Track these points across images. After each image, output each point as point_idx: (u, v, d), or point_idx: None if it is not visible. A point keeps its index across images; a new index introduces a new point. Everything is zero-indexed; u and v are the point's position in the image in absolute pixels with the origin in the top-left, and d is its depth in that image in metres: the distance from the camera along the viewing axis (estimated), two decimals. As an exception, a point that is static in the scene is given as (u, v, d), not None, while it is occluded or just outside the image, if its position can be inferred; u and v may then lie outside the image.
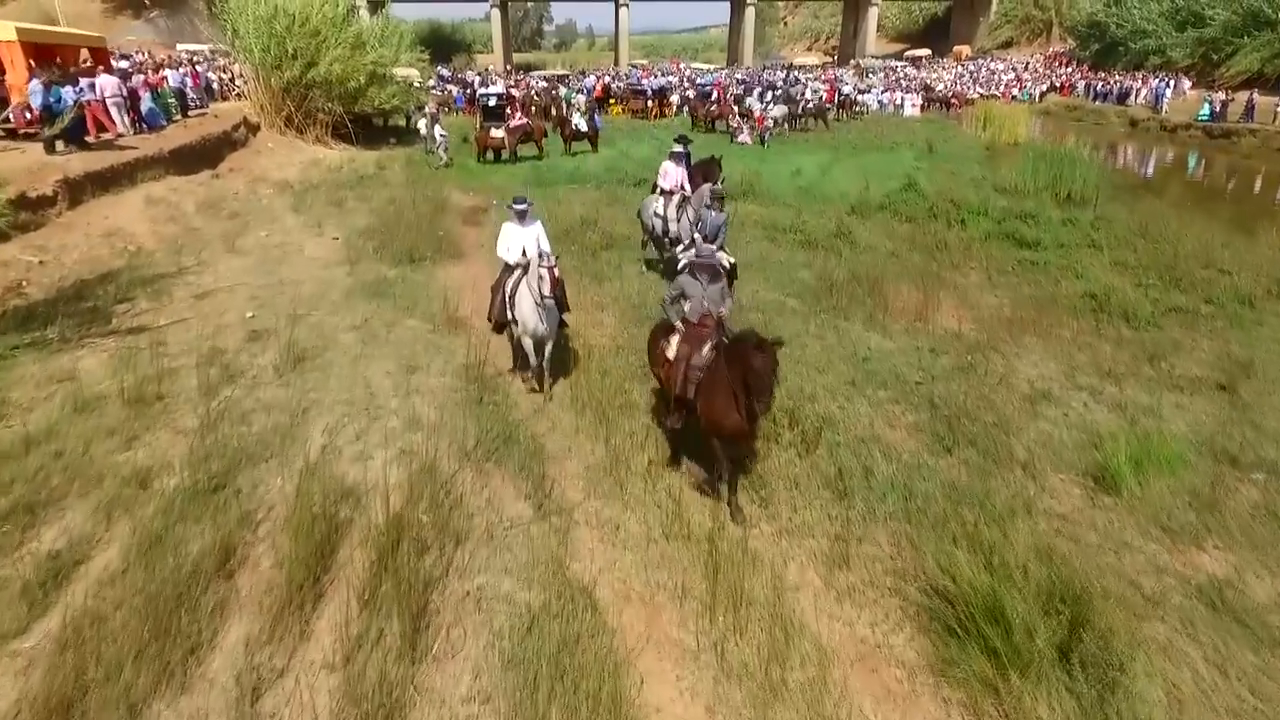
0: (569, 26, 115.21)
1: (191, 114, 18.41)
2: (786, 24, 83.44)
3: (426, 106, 23.40)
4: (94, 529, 4.62)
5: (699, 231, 8.35)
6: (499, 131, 19.16)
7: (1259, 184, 19.67)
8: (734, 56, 57.65)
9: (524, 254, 6.48)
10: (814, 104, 27.37)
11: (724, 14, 64.78)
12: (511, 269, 6.57)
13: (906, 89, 37.34)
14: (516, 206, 6.60)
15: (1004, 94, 36.80)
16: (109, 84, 14.61)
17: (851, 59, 53.25)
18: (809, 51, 68.07)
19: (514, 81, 37.56)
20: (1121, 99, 32.65)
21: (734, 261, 7.61)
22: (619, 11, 53.08)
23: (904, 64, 49.51)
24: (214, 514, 4.68)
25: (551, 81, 36.41)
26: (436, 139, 18.90)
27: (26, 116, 13.00)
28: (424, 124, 20.22)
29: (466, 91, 32.07)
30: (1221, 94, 27.57)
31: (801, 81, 33.39)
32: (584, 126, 20.80)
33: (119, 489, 4.99)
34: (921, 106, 33.88)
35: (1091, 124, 30.77)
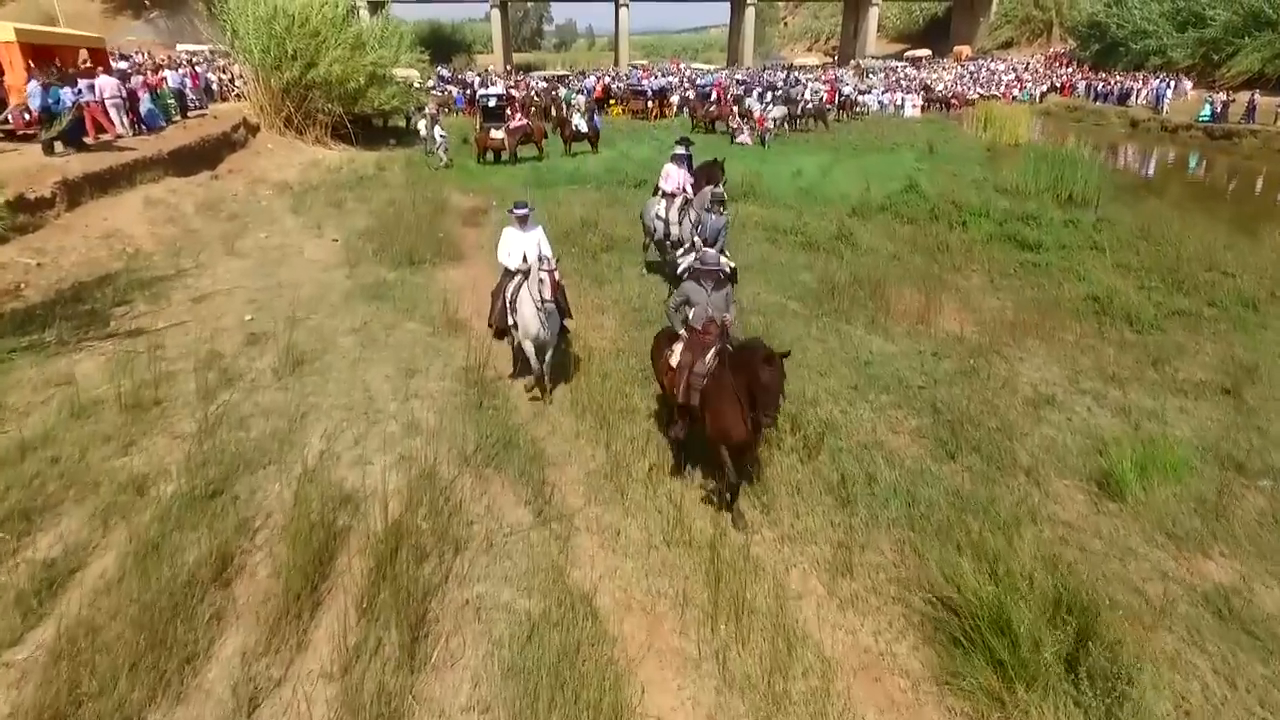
0: (569, 27, 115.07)
1: (191, 115, 18.35)
2: (786, 24, 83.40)
3: (426, 107, 23.36)
4: (90, 536, 4.58)
5: (699, 235, 8.31)
6: (499, 132, 19.10)
7: (1260, 185, 19.62)
8: (734, 57, 57.58)
9: (525, 260, 6.39)
10: (814, 104, 27.34)
11: (724, 14, 64.79)
12: (512, 274, 6.50)
13: (907, 89, 37.29)
14: (517, 211, 6.52)
15: (1004, 94, 36.74)
16: (108, 85, 14.55)
17: (852, 59, 53.23)
18: (809, 52, 68.03)
19: (514, 82, 37.49)
20: (1122, 99, 32.60)
21: (734, 266, 7.56)
22: (619, 12, 53.01)
23: (904, 64, 49.44)
24: (211, 521, 4.64)
25: (551, 82, 36.36)
26: (436, 140, 18.86)
27: (25, 118, 12.94)
28: (424, 125, 20.17)
29: (466, 92, 31.99)
30: (1222, 95, 27.53)
31: (802, 82, 33.29)
32: (584, 127, 20.75)
33: (115, 495, 4.95)
34: (922, 107, 33.83)
35: (1092, 125, 30.68)
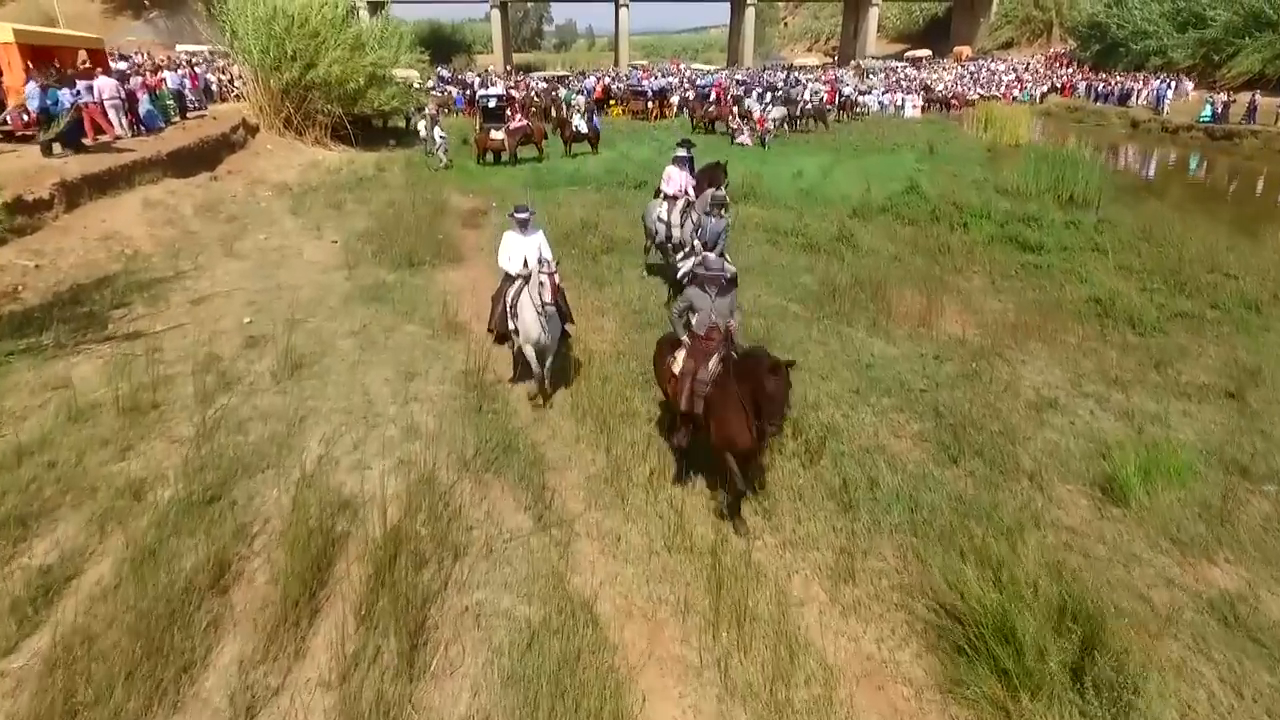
0: (569, 27, 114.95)
1: (190, 116, 18.33)
2: (786, 25, 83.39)
3: (426, 108, 23.35)
4: (86, 542, 4.55)
5: (698, 238, 8.26)
6: (499, 133, 19.06)
7: (1261, 186, 19.60)
8: (734, 57, 57.58)
9: (525, 264, 6.33)
10: (814, 105, 27.31)
11: (724, 14, 64.80)
12: (512, 279, 6.45)
13: (907, 90, 37.27)
14: (518, 215, 6.46)
15: (1005, 95, 36.71)
16: (107, 86, 14.52)
17: (852, 60, 53.23)
18: (809, 52, 68.02)
19: (514, 82, 37.48)
20: (1123, 100, 32.59)
21: (734, 271, 7.51)
22: (619, 12, 53.01)
23: (904, 65, 49.45)
24: (208, 527, 4.61)
25: (551, 82, 36.36)
26: (436, 141, 18.83)
27: (24, 119, 12.93)
28: (423, 125, 20.14)
29: (466, 93, 31.95)
30: (1223, 95, 27.52)
31: (802, 82, 33.30)
32: (584, 128, 20.72)
33: (112, 501, 4.92)
34: (922, 108, 33.81)
35: (1093, 125, 30.65)
